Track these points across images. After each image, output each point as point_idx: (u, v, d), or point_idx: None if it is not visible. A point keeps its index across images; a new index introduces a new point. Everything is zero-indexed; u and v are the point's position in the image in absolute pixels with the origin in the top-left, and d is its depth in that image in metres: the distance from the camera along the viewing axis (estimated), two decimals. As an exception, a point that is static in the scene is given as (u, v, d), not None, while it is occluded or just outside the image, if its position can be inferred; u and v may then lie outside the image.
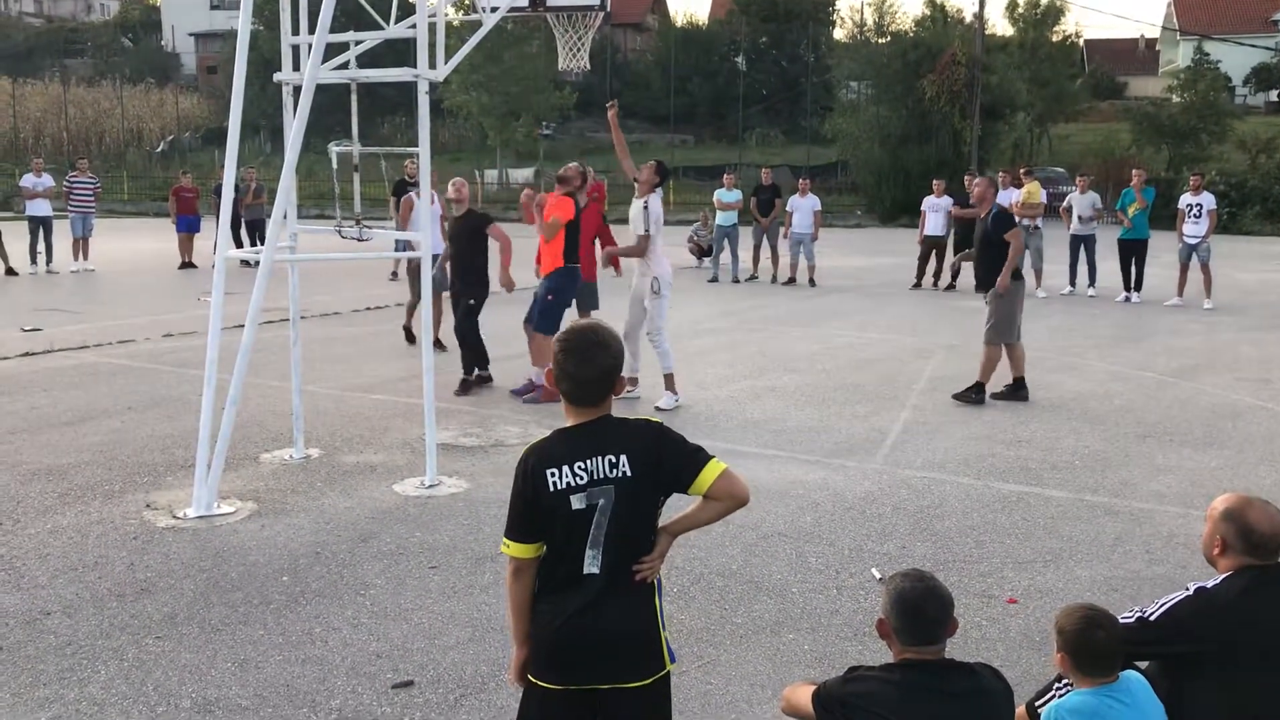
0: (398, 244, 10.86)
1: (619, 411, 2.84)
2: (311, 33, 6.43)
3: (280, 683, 4.18)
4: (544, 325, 8.90)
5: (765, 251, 18.34)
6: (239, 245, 18.78)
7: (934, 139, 34.95)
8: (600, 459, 2.72)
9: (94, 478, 6.75)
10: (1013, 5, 42.78)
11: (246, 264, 15.43)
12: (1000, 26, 46.23)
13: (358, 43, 6.96)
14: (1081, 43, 53.24)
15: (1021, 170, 17.98)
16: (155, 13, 71.99)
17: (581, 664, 2.75)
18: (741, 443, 7.70)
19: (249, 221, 20.23)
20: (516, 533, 2.78)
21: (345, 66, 6.96)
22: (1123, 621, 3.07)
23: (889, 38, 40.96)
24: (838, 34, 49.90)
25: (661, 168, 9.07)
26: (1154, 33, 61.74)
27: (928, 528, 6.00)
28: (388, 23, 6.83)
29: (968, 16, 39.21)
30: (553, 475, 2.71)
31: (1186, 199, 15.80)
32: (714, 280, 18.19)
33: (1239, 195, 32.10)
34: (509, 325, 11.55)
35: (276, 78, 6.85)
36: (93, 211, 19.48)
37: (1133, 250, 15.95)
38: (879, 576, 5.18)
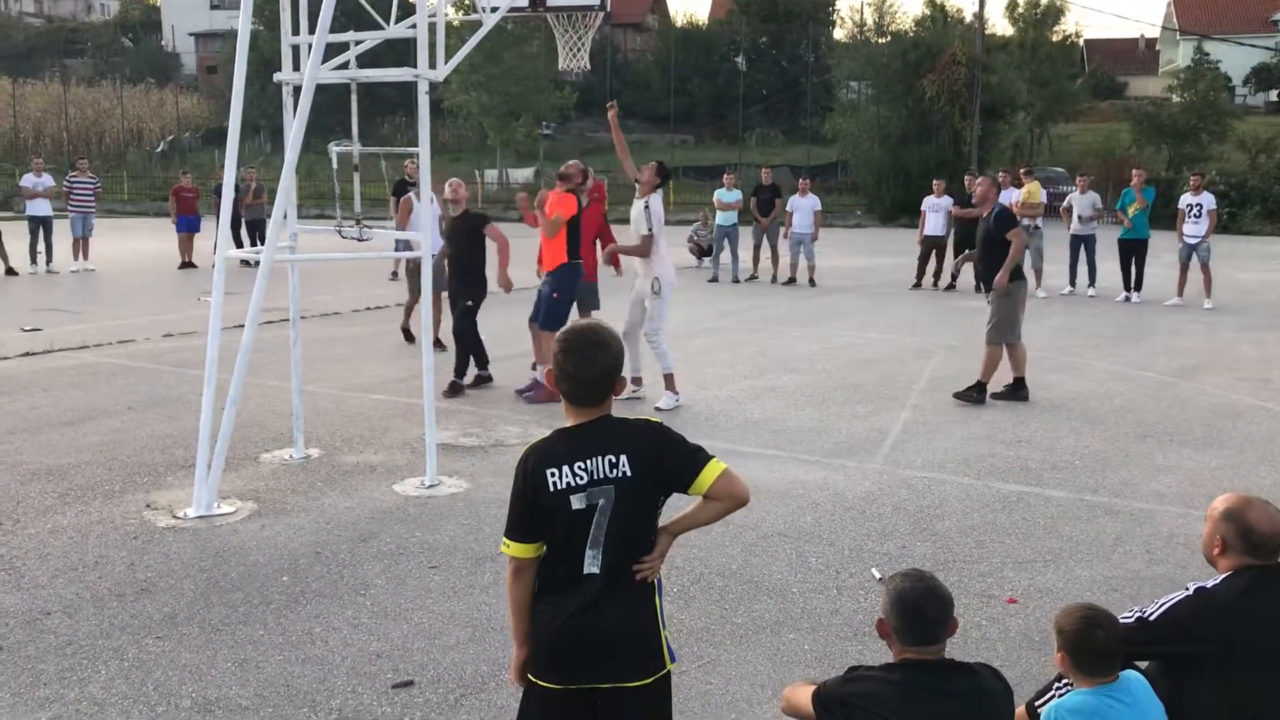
0: (398, 244, 10.85)
1: (619, 411, 2.85)
2: (311, 33, 6.43)
3: (280, 683, 4.18)
4: (549, 323, 8.89)
5: (765, 251, 18.35)
6: (239, 245, 18.79)
7: (934, 139, 34.96)
8: (600, 459, 2.72)
9: (94, 478, 6.75)
10: (1013, 5, 42.82)
11: (246, 264, 15.42)
12: (1000, 26, 46.35)
13: (358, 43, 6.96)
14: (1081, 43, 53.29)
15: (1021, 170, 17.99)
16: (155, 13, 72.02)
17: (582, 664, 2.75)
18: (741, 443, 7.70)
19: (249, 221, 20.25)
20: (516, 533, 2.78)
21: (345, 66, 6.96)
22: (1123, 621, 3.07)
23: (889, 38, 41.03)
24: (838, 34, 50.04)
25: (663, 169, 9.05)
26: (1154, 33, 61.84)
27: (928, 528, 6.00)
28: (388, 23, 6.83)
29: (968, 16, 39.31)
30: (553, 475, 2.71)
31: (1186, 199, 15.81)
32: (714, 280, 18.20)
33: (1239, 195, 32.13)
34: (509, 325, 11.56)
35: (276, 78, 6.85)
36: (93, 211, 19.49)
37: (1133, 250, 15.95)
38: (879, 576, 5.18)
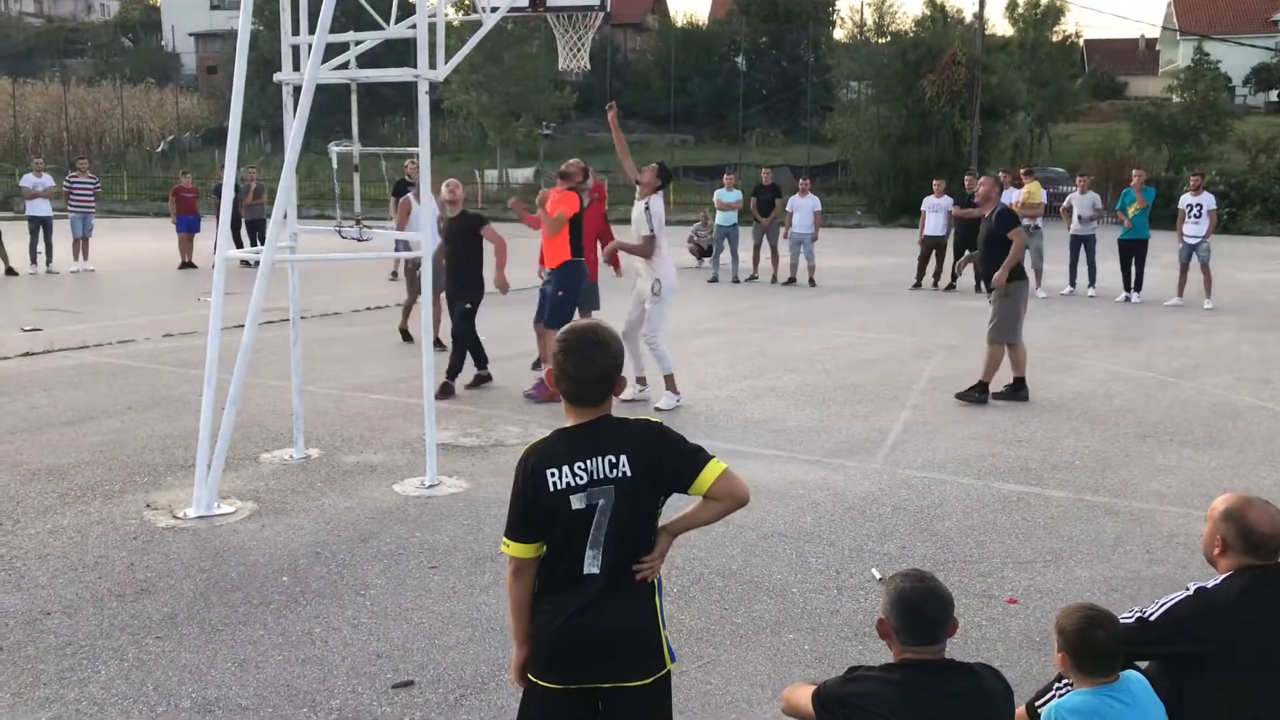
0: (398, 244, 10.85)
1: (621, 412, 2.85)
2: (311, 33, 6.43)
3: (280, 683, 4.18)
4: (554, 322, 8.88)
5: (765, 251, 18.34)
6: (239, 245, 18.79)
7: (934, 139, 34.96)
8: (600, 459, 2.72)
9: (94, 478, 6.75)
10: (1013, 5, 42.83)
11: (246, 264, 15.43)
12: (1000, 26, 46.38)
13: (358, 43, 6.96)
14: (1081, 43, 53.31)
15: (1021, 170, 18.00)
16: (155, 13, 72.03)
17: (582, 664, 2.75)
18: (741, 443, 7.70)
19: (249, 221, 20.25)
20: (516, 533, 2.78)
21: (345, 66, 6.96)
22: (1123, 621, 3.07)
23: (889, 38, 41.04)
24: (838, 34, 50.07)
25: (664, 170, 9.03)
26: (1154, 33, 61.85)
27: (928, 528, 6.00)
28: (388, 23, 6.83)
29: (968, 16, 39.32)
30: (553, 475, 2.71)
31: (1186, 199, 15.80)
32: (714, 280, 18.19)
33: (1239, 195, 32.13)
34: (508, 325, 11.57)
35: (276, 78, 6.85)
36: (93, 211, 19.49)
37: (1133, 250, 15.95)
38: (879, 576, 5.18)
